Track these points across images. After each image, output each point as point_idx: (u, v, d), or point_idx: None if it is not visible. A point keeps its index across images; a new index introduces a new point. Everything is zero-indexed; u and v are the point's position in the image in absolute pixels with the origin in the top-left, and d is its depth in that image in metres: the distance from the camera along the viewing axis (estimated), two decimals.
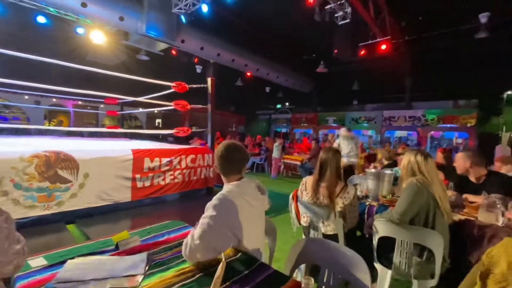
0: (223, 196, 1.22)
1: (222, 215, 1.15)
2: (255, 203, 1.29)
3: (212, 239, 1.10)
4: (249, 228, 1.21)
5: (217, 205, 1.17)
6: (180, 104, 4.66)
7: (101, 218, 3.20)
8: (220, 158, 1.36)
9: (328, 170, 2.00)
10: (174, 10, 6.89)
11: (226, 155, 1.35)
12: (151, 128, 14.15)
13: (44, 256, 1.07)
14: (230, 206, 1.18)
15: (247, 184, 1.32)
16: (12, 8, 6.54)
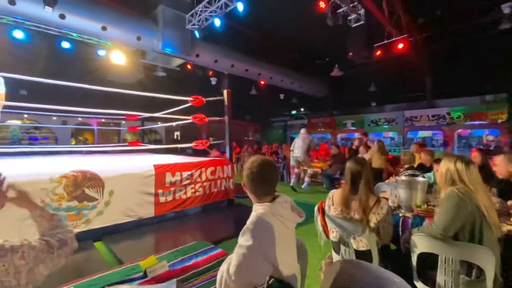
0: (259, 220, 1.11)
1: (259, 243, 1.06)
2: (291, 225, 1.20)
3: (249, 272, 1.02)
4: (285, 253, 1.13)
5: (254, 231, 1.08)
6: (198, 117, 4.71)
7: (126, 235, 3.24)
8: (252, 180, 1.22)
9: (360, 184, 1.88)
10: (188, 26, 7.09)
11: (260, 175, 1.21)
12: (170, 140, 14.50)
13: (74, 286, 1.06)
14: (267, 231, 1.09)
15: (283, 204, 1.21)
16: (38, 36, 7.01)
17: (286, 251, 1.14)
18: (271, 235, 1.09)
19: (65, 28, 6.43)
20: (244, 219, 1.17)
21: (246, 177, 1.25)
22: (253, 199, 1.28)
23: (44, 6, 5.12)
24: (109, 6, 6.50)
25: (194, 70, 10.25)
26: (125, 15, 6.79)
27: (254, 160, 1.27)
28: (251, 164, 1.25)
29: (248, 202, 5.08)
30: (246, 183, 1.26)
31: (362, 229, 1.80)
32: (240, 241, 1.08)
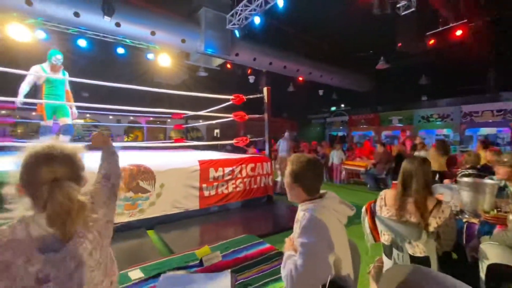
0: (315, 217, 1.11)
1: (321, 240, 1.06)
2: (344, 219, 1.19)
3: (315, 270, 1.02)
4: (341, 249, 1.11)
5: (314, 229, 1.08)
6: (239, 115, 4.82)
7: (175, 225, 3.47)
8: (302, 176, 1.22)
9: (414, 183, 1.74)
10: (228, 26, 7.27)
11: (311, 171, 1.22)
12: (210, 138, 15.12)
13: (140, 268, 1.17)
14: (325, 228, 1.09)
15: (333, 199, 1.21)
16: (98, 44, 7.83)
17: (342, 248, 1.12)
18: (328, 231, 1.08)
19: (120, 35, 7.08)
20: (283, 216, 1.18)
21: (297, 173, 1.23)
22: (301, 196, 1.26)
23: (103, 16, 5.70)
24: (157, 13, 6.98)
25: (234, 69, 10.50)
26: (171, 19, 7.22)
27: (300, 156, 1.26)
28: (302, 160, 1.24)
29: (286, 199, 5.04)
30: (292, 180, 1.24)
31: (419, 233, 1.66)
32: (303, 240, 1.08)
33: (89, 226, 0.83)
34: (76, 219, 0.76)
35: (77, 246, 0.78)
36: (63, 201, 0.74)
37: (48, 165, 0.76)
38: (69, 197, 0.75)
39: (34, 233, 0.76)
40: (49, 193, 0.74)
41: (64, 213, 0.74)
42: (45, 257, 0.74)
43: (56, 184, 0.75)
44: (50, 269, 0.74)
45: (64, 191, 0.74)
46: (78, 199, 0.77)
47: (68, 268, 0.75)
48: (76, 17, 5.94)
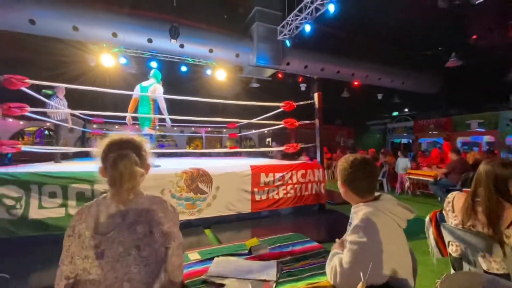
0: (369, 218, 1.08)
1: (373, 241, 1.03)
2: (403, 223, 1.12)
3: (362, 269, 1.00)
4: (399, 254, 1.05)
5: (366, 229, 1.05)
6: (289, 122, 4.88)
7: (229, 226, 3.68)
8: (355, 176, 1.19)
9: (482, 190, 1.51)
10: (279, 37, 7.50)
11: (364, 171, 1.18)
12: (262, 146, 15.49)
13: (198, 252, 1.33)
14: (379, 230, 1.05)
15: (390, 201, 1.15)
16: (166, 64, 8.95)
17: (400, 252, 1.06)
18: (383, 233, 1.04)
19: (183, 55, 7.98)
20: (336, 225, 1.18)
21: (347, 174, 1.20)
22: (354, 198, 1.23)
23: (170, 39, 6.55)
24: (214, 32, 7.67)
25: (285, 78, 10.66)
26: (226, 36, 7.83)
27: (352, 157, 1.23)
28: (351, 161, 1.21)
29: (341, 209, 4.88)
30: (346, 181, 1.21)
31: (495, 247, 1.43)
32: (353, 238, 1.06)
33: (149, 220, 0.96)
34: (127, 181, 0.94)
35: (127, 234, 0.93)
36: (121, 166, 0.93)
37: (118, 146, 0.98)
38: (127, 164, 0.94)
39: (101, 213, 0.96)
40: (114, 162, 0.94)
41: (119, 175, 0.93)
42: (101, 236, 0.92)
43: (121, 157, 0.94)
44: (104, 247, 0.91)
45: (125, 160, 0.94)
46: (134, 169, 0.95)
47: (116, 250, 0.91)
48: (149, 43, 6.97)
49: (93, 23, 6.30)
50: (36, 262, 2.53)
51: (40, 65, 7.69)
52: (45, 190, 2.95)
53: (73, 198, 3.04)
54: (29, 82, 3.22)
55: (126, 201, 0.96)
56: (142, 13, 6.79)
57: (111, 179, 0.94)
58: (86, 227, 0.94)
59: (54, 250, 2.89)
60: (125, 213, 0.96)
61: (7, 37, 6.71)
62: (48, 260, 2.58)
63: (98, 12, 6.33)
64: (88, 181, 3.10)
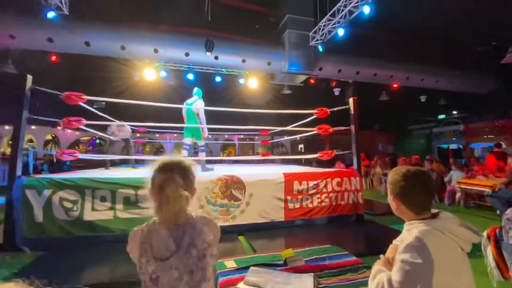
0: (425, 238, 0.98)
1: (428, 263, 0.94)
2: (467, 246, 1.01)
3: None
4: (460, 281, 0.96)
5: (421, 249, 0.96)
6: (323, 128, 4.77)
7: (262, 234, 3.68)
8: (410, 190, 1.09)
9: None
10: (311, 43, 7.44)
11: (420, 184, 1.08)
12: (294, 153, 15.30)
13: (234, 260, 1.35)
14: (436, 252, 0.96)
15: (451, 219, 1.03)
16: (201, 75, 9.38)
17: (461, 280, 0.96)
18: (442, 256, 0.95)
19: (218, 66, 8.32)
20: (377, 238, 1.10)
21: (399, 187, 1.11)
22: (408, 214, 1.12)
23: (206, 52, 6.88)
24: (247, 42, 7.88)
25: (317, 83, 10.47)
26: (258, 46, 7.99)
27: (405, 168, 1.14)
28: (403, 173, 1.12)
29: (382, 220, 4.58)
30: (398, 195, 1.11)
31: None
32: (405, 257, 0.98)
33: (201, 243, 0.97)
34: (173, 205, 0.95)
35: (183, 260, 0.94)
36: (168, 191, 0.95)
37: (165, 170, 1.01)
38: (173, 189, 0.96)
39: (153, 239, 0.97)
40: (161, 186, 0.97)
41: (165, 199, 0.95)
42: (157, 263, 0.93)
43: (167, 180, 0.97)
44: (159, 273, 0.92)
45: (172, 185, 0.96)
46: (179, 193, 0.96)
47: (171, 277, 0.92)
48: (186, 56, 7.41)
49: (137, 42, 6.92)
50: (89, 260, 2.80)
51: (92, 82, 8.61)
52: (97, 194, 3.26)
53: (120, 202, 3.31)
54: (85, 98, 3.63)
55: (176, 225, 0.98)
56: (180, 29, 7.27)
57: (159, 203, 0.96)
58: (140, 254, 0.96)
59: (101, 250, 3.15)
60: (178, 238, 0.97)
61: (66, 59, 7.69)
62: (96, 259, 2.85)
63: (142, 31, 6.94)
64: (133, 186, 3.36)
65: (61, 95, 3.51)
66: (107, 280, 2.41)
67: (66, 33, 6.39)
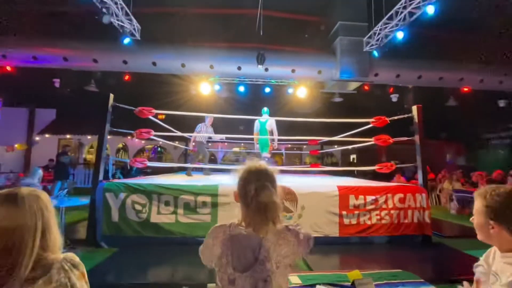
0: None
1: None
2: None
3: None
4: None
5: None
6: (382, 139, 4.43)
7: (316, 249, 3.44)
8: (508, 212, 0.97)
9: None
10: (366, 49, 7.09)
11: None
12: (345, 163, 14.50)
13: (298, 276, 1.33)
14: None
15: None
16: (251, 87, 9.70)
17: None
18: None
19: (267, 78, 8.52)
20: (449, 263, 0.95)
21: (492, 210, 0.99)
22: (505, 242, 0.99)
23: (257, 65, 7.13)
24: (296, 52, 7.92)
25: (372, 90, 9.87)
26: (308, 55, 7.95)
27: (499, 188, 1.01)
28: (499, 193, 1.00)
29: (453, 244, 4.03)
30: (490, 218, 0.99)
31: None
32: None
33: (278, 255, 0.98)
34: (271, 214, 0.98)
35: (258, 272, 0.95)
36: (264, 198, 0.98)
37: (257, 177, 1.04)
38: (269, 195, 0.98)
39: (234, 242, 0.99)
40: (256, 193, 0.99)
41: (263, 206, 0.97)
42: (234, 270, 0.95)
43: (262, 188, 1.00)
44: (237, 276, 0.96)
45: (267, 191, 1.00)
46: (275, 200, 0.99)
47: (246, 283, 0.94)
48: (239, 70, 7.77)
49: (196, 59, 7.55)
50: (154, 259, 3.08)
51: (156, 96, 9.64)
52: (162, 199, 3.59)
53: (181, 207, 3.58)
54: (154, 112, 4.08)
55: (264, 233, 0.99)
56: (233, 45, 7.71)
57: (257, 210, 0.98)
58: (221, 254, 1.00)
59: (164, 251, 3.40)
60: (258, 248, 0.98)
61: (136, 77, 8.81)
62: (160, 259, 3.11)
63: (199, 49, 7.58)
64: (193, 193, 3.60)
65: (135, 110, 4.01)
66: (167, 281, 2.60)
67: (138, 56, 7.34)
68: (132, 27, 6.59)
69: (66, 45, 7.19)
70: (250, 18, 7.10)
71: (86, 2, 5.52)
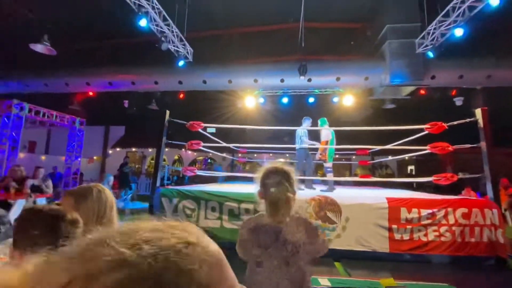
0: None
1: None
2: None
3: None
4: None
5: None
6: (439, 146, 4.02)
7: (362, 264, 3.34)
8: None
9: None
10: (419, 50, 6.59)
11: None
12: (402, 175, 13.21)
13: (328, 279, 1.34)
14: None
15: None
16: (294, 98, 9.74)
17: None
18: None
19: (311, 88, 8.50)
20: None
21: None
22: None
23: (299, 76, 7.21)
24: (341, 60, 7.77)
25: (429, 94, 8.97)
26: (353, 62, 7.72)
27: None
28: None
29: None
30: None
31: None
32: None
33: (295, 240, 1.15)
34: (283, 206, 1.13)
35: (280, 251, 1.12)
36: (277, 193, 1.14)
37: (274, 175, 1.20)
38: (281, 191, 1.14)
39: (259, 229, 1.18)
40: (271, 188, 1.16)
41: (276, 200, 1.14)
42: (261, 249, 1.15)
43: (276, 184, 1.16)
44: (263, 258, 1.13)
45: (280, 187, 1.15)
46: (288, 195, 1.14)
47: (272, 263, 1.11)
48: (282, 82, 7.95)
49: (241, 75, 8.01)
50: None
51: (206, 112, 10.42)
52: (209, 205, 3.87)
53: (226, 213, 3.80)
54: (202, 125, 4.48)
55: (280, 221, 1.17)
56: (276, 59, 7.97)
57: (271, 203, 1.16)
58: (248, 238, 1.21)
59: None
60: (278, 232, 1.16)
61: (189, 95, 9.72)
62: None
63: (244, 65, 8.04)
64: (236, 200, 3.80)
65: (186, 124, 4.47)
66: None
67: (191, 76, 8.14)
68: (185, 50, 7.39)
69: (133, 71, 8.41)
70: (292, 32, 7.29)
71: (149, 33, 6.43)
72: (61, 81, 8.73)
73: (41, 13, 6.72)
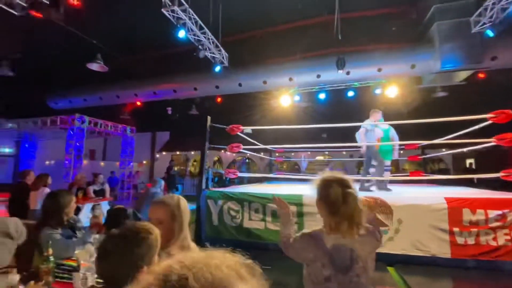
0: None
1: None
2: None
3: None
4: None
5: None
6: (507, 138, 3.52)
7: (419, 270, 3.09)
8: None
9: None
10: (474, 30, 5.86)
11: None
12: (458, 170, 11.86)
13: None
14: None
15: None
16: (332, 93, 9.37)
17: None
18: None
19: (350, 81, 8.11)
20: None
21: None
22: None
23: (337, 70, 6.93)
24: (381, 49, 7.25)
25: (490, 78, 7.90)
26: (395, 50, 7.16)
27: None
28: None
29: None
30: None
31: None
32: None
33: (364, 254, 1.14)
34: (357, 218, 1.11)
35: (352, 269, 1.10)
36: (351, 205, 1.11)
37: (338, 184, 1.16)
38: (354, 203, 1.12)
39: (327, 246, 1.14)
40: (343, 200, 1.12)
41: (351, 211, 1.10)
42: (335, 272, 1.10)
43: (347, 194, 1.13)
44: (334, 277, 1.10)
45: (353, 197, 1.13)
46: (360, 207, 1.14)
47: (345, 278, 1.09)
48: (318, 78, 7.73)
49: (275, 75, 8.00)
50: None
51: (242, 113, 10.60)
52: (253, 206, 3.94)
53: (269, 215, 3.82)
54: (241, 128, 4.58)
55: (352, 236, 1.12)
56: (310, 55, 7.76)
57: (343, 215, 1.11)
58: (314, 257, 1.16)
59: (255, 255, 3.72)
60: (350, 251, 1.13)
61: (225, 98, 10.00)
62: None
63: (278, 65, 7.99)
64: None
65: (226, 128, 4.61)
66: None
67: (227, 80, 8.37)
68: (221, 56, 7.62)
69: (174, 80, 8.95)
70: (327, 25, 7.02)
71: (186, 42, 6.76)
72: (113, 94, 9.68)
73: (92, 34, 7.47)
